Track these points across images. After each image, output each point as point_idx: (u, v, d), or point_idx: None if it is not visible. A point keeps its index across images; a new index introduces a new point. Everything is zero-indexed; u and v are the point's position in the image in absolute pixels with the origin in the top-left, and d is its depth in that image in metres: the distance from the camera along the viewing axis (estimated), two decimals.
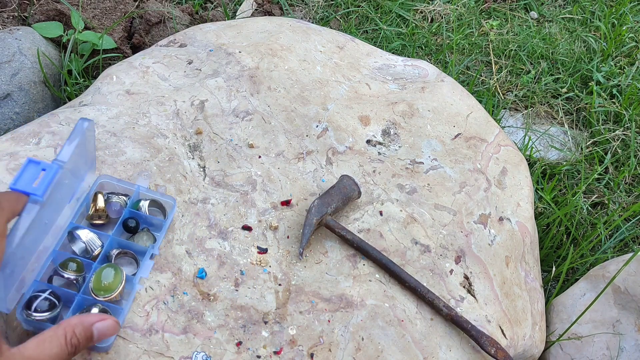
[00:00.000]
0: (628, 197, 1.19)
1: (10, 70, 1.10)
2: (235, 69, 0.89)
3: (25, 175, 0.54)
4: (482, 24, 1.55)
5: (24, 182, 0.53)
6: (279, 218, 0.74)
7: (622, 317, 0.87)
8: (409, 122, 0.88)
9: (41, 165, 0.54)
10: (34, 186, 0.53)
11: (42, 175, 0.54)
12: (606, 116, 1.33)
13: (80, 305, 0.60)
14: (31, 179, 0.54)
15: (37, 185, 0.53)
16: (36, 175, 0.54)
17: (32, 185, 0.53)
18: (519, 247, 0.81)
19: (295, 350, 0.64)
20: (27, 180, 0.53)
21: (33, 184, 0.53)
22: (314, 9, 1.51)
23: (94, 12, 1.34)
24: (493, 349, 0.67)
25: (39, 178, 0.54)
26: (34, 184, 0.53)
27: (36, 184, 0.54)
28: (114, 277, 0.61)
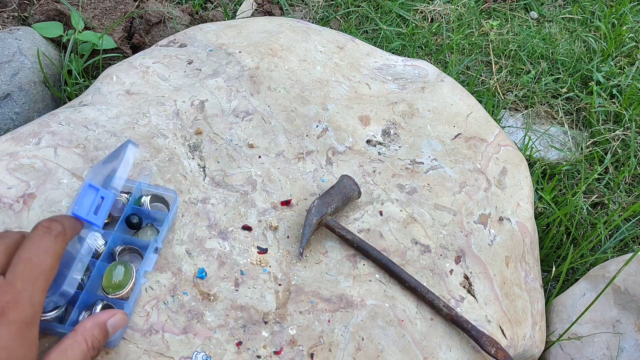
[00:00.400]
0: (628, 197, 1.19)
1: (10, 70, 1.10)
2: (235, 69, 0.89)
3: (85, 201, 0.56)
4: (482, 24, 1.55)
5: (84, 209, 0.55)
6: (279, 218, 0.74)
7: (622, 317, 0.87)
8: (409, 122, 0.88)
9: (100, 193, 0.56)
10: (94, 215, 0.55)
11: (101, 203, 0.56)
12: (606, 116, 1.33)
13: (85, 302, 0.60)
14: (89, 205, 0.56)
15: (98, 215, 0.56)
16: (93, 202, 0.56)
17: (92, 213, 0.55)
18: (519, 247, 0.81)
19: (295, 350, 0.64)
20: (86, 206, 0.55)
21: (91, 211, 0.56)
22: (314, 9, 1.51)
23: (94, 12, 1.34)
24: (493, 349, 0.67)
25: (98, 205, 0.56)
26: (92, 213, 0.56)
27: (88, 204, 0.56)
28: (124, 275, 0.61)
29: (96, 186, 0.56)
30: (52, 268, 0.45)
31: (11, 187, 0.70)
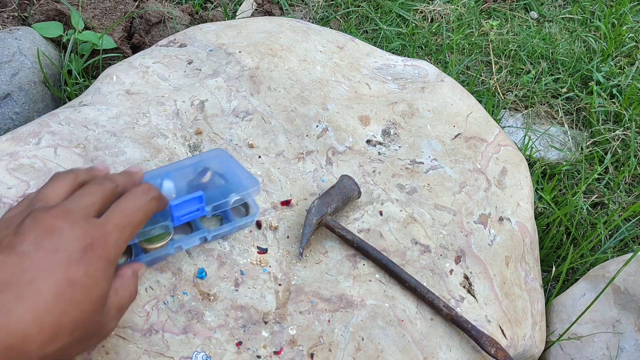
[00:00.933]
0: (628, 197, 1.19)
1: (10, 70, 1.10)
2: (235, 69, 0.89)
3: (186, 204, 0.62)
4: (482, 24, 1.55)
5: (180, 209, 0.61)
6: (279, 218, 0.74)
7: (622, 317, 0.87)
8: (409, 122, 0.88)
9: (200, 209, 0.63)
10: (179, 217, 0.62)
11: (192, 213, 0.63)
12: (606, 116, 1.33)
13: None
14: (185, 209, 0.62)
15: (181, 219, 0.62)
16: (190, 208, 0.62)
17: (181, 215, 0.62)
18: (519, 247, 0.81)
19: (295, 350, 0.64)
20: (182, 208, 0.62)
21: (182, 213, 0.62)
22: (314, 9, 1.51)
23: (94, 12, 1.34)
24: (493, 349, 0.67)
25: (189, 213, 0.63)
26: (182, 215, 0.62)
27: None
28: (161, 236, 0.64)
29: (203, 202, 0.63)
30: (140, 223, 0.51)
31: (11, 187, 0.70)
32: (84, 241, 0.46)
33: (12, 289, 0.42)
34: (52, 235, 0.45)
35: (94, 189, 0.51)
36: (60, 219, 0.46)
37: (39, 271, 0.43)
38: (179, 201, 0.61)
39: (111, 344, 0.61)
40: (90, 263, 0.45)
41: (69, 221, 0.46)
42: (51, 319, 0.42)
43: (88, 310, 0.45)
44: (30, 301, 0.42)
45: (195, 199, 0.63)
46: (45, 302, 0.42)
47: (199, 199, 0.63)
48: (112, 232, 0.48)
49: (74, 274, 0.44)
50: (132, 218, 0.50)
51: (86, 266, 0.45)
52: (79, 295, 0.44)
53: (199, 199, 0.63)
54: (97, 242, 0.47)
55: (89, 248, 0.46)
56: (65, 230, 0.46)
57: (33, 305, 0.42)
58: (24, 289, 0.42)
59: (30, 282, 0.42)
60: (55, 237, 0.45)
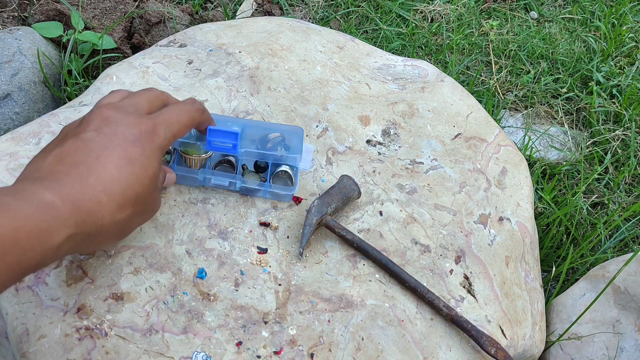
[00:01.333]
0: (628, 197, 1.19)
1: (10, 70, 1.10)
2: (235, 69, 0.89)
3: (224, 132, 0.68)
4: (482, 24, 1.55)
5: (217, 131, 0.67)
6: (279, 218, 0.74)
7: (622, 317, 0.87)
8: (409, 122, 0.88)
9: (233, 141, 0.69)
10: (213, 143, 0.68)
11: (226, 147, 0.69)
12: (606, 116, 1.33)
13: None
14: (222, 132, 0.68)
15: (214, 145, 0.69)
16: (225, 133, 0.68)
17: (218, 137, 0.68)
18: (519, 247, 0.81)
19: (295, 350, 0.64)
20: (219, 134, 0.68)
21: (220, 136, 0.68)
22: (314, 9, 1.51)
23: (94, 12, 1.34)
24: (493, 349, 0.67)
25: (225, 132, 0.68)
26: (219, 137, 0.68)
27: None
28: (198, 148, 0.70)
29: (238, 140, 0.68)
30: (185, 125, 0.59)
31: None
32: (137, 128, 0.53)
33: (83, 166, 0.49)
34: (109, 123, 0.53)
35: (143, 93, 0.59)
36: (115, 111, 0.54)
37: (102, 150, 0.50)
38: (216, 129, 0.68)
39: (111, 344, 0.61)
40: (144, 145, 0.53)
41: (122, 113, 0.54)
42: (118, 188, 0.50)
43: (146, 185, 0.53)
44: (99, 173, 0.49)
45: (232, 134, 0.68)
46: (111, 174, 0.50)
47: (234, 135, 0.68)
48: (161, 124, 0.56)
49: (132, 153, 0.52)
50: (179, 118, 0.58)
51: (142, 147, 0.53)
52: (138, 170, 0.52)
53: (235, 135, 0.68)
54: (149, 130, 0.54)
55: (143, 133, 0.53)
56: (120, 119, 0.53)
57: (101, 176, 0.49)
58: (93, 165, 0.49)
59: (96, 159, 0.50)
60: (112, 125, 0.53)
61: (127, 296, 0.64)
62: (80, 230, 0.48)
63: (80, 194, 0.48)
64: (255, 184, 0.73)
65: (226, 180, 0.73)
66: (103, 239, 0.52)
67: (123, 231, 0.55)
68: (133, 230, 0.57)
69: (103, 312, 0.63)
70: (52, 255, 0.46)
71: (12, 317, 0.62)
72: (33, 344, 0.61)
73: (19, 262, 0.44)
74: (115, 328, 0.62)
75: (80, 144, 0.51)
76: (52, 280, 0.64)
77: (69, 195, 0.47)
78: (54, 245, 0.46)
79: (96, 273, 0.65)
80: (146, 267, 0.67)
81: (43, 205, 0.45)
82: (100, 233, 0.50)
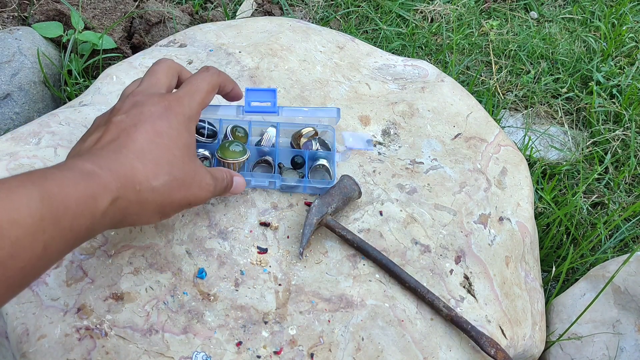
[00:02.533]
0: (628, 197, 1.19)
1: (10, 70, 1.10)
2: (235, 69, 0.89)
3: (261, 93, 0.73)
4: (482, 24, 1.55)
5: (255, 93, 0.73)
6: (279, 218, 0.74)
7: (622, 317, 0.87)
8: (409, 122, 0.88)
9: (269, 105, 0.74)
10: (251, 104, 0.73)
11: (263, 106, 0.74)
12: (606, 116, 1.33)
13: None
14: (260, 95, 0.73)
15: (253, 105, 0.74)
16: (263, 97, 0.73)
17: (254, 98, 0.73)
18: (519, 247, 0.81)
19: (295, 350, 0.64)
20: (257, 94, 0.73)
21: (256, 97, 0.73)
22: (314, 9, 1.51)
23: (94, 12, 1.34)
24: (493, 350, 0.67)
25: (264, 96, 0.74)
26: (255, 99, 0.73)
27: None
28: (240, 150, 0.72)
29: (276, 98, 0.73)
30: (207, 91, 0.62)
31: None
32: (162, 104, 0.57)
33: (116, 142, 0.54)
34: (135, 106, 0.57)
35: (157, 69, 0.63)
36: (139, 96, 0.58)
37: (131, 127, 0.55)
38: (253, 89, 0.73)
39: (111, 344, 0.61)
40: (171, 119, 0.57)
41: (145, 95, 0.59)
42: (150, 157, 0.54)
43: (178, 155, 0.56)
44: (131, 146, 0.53)
45: (270, 91, 0.72)
46: (142, 145, 0.54)
47: (272, 92, 0.72)
48: (184, 96, 0.60)
49: (160, 127, 0.56)
50: (199, 86, 0.62)
51: (169, 121, 0.57)
52: (167, 141, 0.56)
53: (272, 93, 0.72)
54: (173, 104, 0.58)
55: (168, 108, 0.57)
56: (145, 100, 0.58)
57: (133, 148, 0.53)
58: (124, 140, 0.54)
59: (127, 135, 0.54)
60: (138, 107, 0.57)
61: (127, 296, 0.64)
62: (121, 194, 0.51)
63: (116, 162, 0.52)
64: (294, 181, 0.74)
65: (266, 180, 0.74)
66: (145, 209, 0.54)
67: (165, 204, 0.56)
68: (177, 207, 0.58)
69: (103, 312, 0.63)
70: (101, 222, 0.50)
71: (12, 317, 0.62)
72: (33, 344, 0.61)
73: (72, 228, 0.47)
74: (115, 328, 0.62)
75: (112, 126, 0.55)
76: (52, 280, 0.64)
77: (107, 164, 0.51)
78: (101, 210, 0.49)
79: (96, 273, 0.65)
80: (146, 267, 0.67)
81: (85, 173, 0.49)
82: (141, 201, 0.53)
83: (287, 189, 0.75)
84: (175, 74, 0.64)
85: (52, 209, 0.45)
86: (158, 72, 0.63)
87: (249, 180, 0.73)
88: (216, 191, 0.62)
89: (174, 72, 0.64)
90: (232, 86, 0.68)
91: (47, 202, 0.45)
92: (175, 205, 0.57)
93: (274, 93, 0.72)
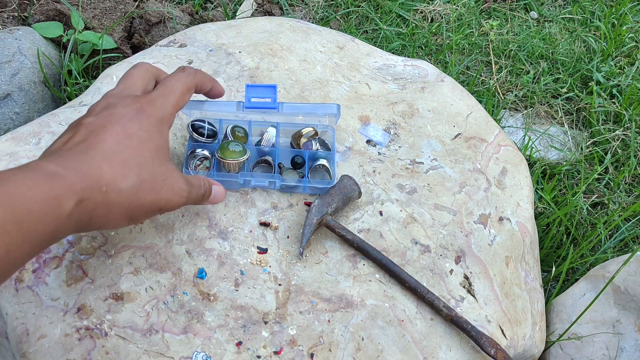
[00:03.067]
0: (628, 197, 1.19)
1: (10, 70, 1.10)
2: (235, 69, 0.89)
3: (262, 91, 0.73)
4: (482, 24, 1.55)
5: (255, 89, 0.72)
6: (279, 218, 0.74)
7: (622, 317, 0.87)
8: (409, 122, 0.88)
9: (270, 100, 0.73)
10: (252, 99, 0.72)
11: (263, 102, 0.73)
12: (606, 116, 1.33)
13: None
14: (260, 94, 0.72)
15: (253, 101, 0.72)
16: (263, 94, 0.73)
17: (254, 96, 0.72)
18: (519, 247, 0.81)
19: (295, 350, 0.64)
20: (258, 90, 0.72)
21: (256, 94, 0.72)
22: (314, 9, 1.51)
23: (94, 12, 1.34)
24: (493, 350, 0.67)
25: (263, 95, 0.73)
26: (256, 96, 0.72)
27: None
28: (240, 150, 0.72)
29: (276, 94, 0.72)
30: (182, 91, 0.61)
31: None
32: (133, 106, 0.57)
33: (84, 143, 0.53)
34: (107, 108, 0.56)
35: (133, 72, 0.62)
36: (111, 99, 0.58)
37: (100, 129, 0.54)
38: (254, 85, 0.73)
39: (111, 344, 0.61)
40: (142, 120, 0.56)
41: (118, 98, 0.58)
42: (119, 158, 0.53)
43: (148, 157, 0.55)
44: (99, 147, 0.53)
45: (270, 88, 0.72)
46: (110, 146, 0.53)
47: (272, 88, 0.72)
48: (157, 98, 0.59)
49: (130, 128, 0.55)
50: (173, 87, 0.61)
51: (139, 122, 0.56)
52: (136, 143, 0.54)
53: (273, 89, 0.72)
54: (145, 105, 0.57)
55: (139, 110, 0.56)
56: (117, 102, 0.57)
57: (101, 149, 0.52)
58: (92, 141, 0.53)
59: (96, 136, 0.53)
60: (110, 108, 0.56)
61: (127, 296, 0.64)
62: (87, 196, 0.50)
63: (82, 163, 0.51)
64: (294, 181, 0.74)
65: (266, 180, 0.74)
66: (113, 212, 0.53)
67: (133, 207, 0.54)
68: (148, 211, 0.56)
69: (103, 312, 0.63)
70: (66, 225, 0.49)
71: (12, 317, 0.62)
72: (33, 344, 0.61)
73: (36, 231, 0.46)
74: (115, 328, 0.62)
75: (81, 127, 0.55)
76: (52, 280, 0.64)
77: (72, 165, 0.50)
78: (66, 212, 0.48)
79: (96, 273, 0.65)
80: (146, 267, 0.67)
81: (49, 174, 0.48)
82: (108, 203, 0.52)
83: (287, 189, 0.75)
84: (152, 77, 0.63)
85: (14, 211, 0.44)
86: (134, 75, 0.62)
87: (249, 180, 0.73)
88: (191, 198, 0.60)
89: (151, 76, 0.63)
90: (211, 84, 0.66)
91: (9, 205, 0.44)
92: (144, 208, 0.55)
93: (274, 89, 0.72)
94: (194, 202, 0.62)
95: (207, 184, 0.64)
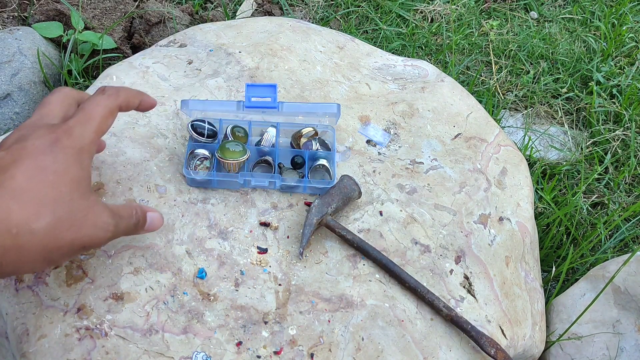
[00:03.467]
0: (628, 197, 1.19)
1: (10, 70, 1.10)
2: (235, 69, 0.89)
3: (261, 89, 0.73)
4: (482, 24, 1.55)
5: (255, 92, 0.73)
6: (279, 218, 0.74)
7: (622, 317, 0.87)
8: (409, 122, 0.88)
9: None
10: (252, 99, 0.73)
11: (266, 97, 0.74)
12: (606, 116, 1.33)
13: None
14: (261, 92, 0.73)
15: (253, 101, 0.73)
16: (266, 91, 0.73)
17: (251, 98, 0.73)
18: (519, 247, 0.81)
19: (295, 350, 0.64)
20: (258, 92, 0.73)
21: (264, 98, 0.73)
22: (314, 9, 1.51)
23: (94, 12, 1.34)
24: (493, 350, 0.67)
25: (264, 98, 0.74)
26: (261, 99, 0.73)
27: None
28: (240, 150, 0.72)
29: (276, 93, 0.73)
30: (103, 116, 0.56)
31: None
32: (47, 137, 0.52)
33: None
34: (18, 141, 0.52)
35: (51, 99, 0.58)
36: (24, 130, 0.54)
37: (11, 163, 0.50)
38: (254, 84, 0.73)
39: (111, 344, 0.61)
40: (56, 152, 0.51)
41: (31, 129, 0.53)
42: (31, 195, 0.49)
43: (65, 192, 0.51)
44: (7, 184, 0.48)
45: (270, 87, 0.72)
46: (20, 183, 0.49)
47: (272, 88, 0.72)
48: (75, 125, 0.54)
49: (43, 162, 0.51)
50: (92, 113, 0.55)
51: (54, 155, 0.51)
52: (51, 177, 0.50)
53: (273, 88, 0.72)
54: (61, 135, 0.52)
55: (55, 141, 0.52)
56: (29, 134, 0.53)
57: (9, 186, 0.48)
58: (1, 178, 0.49)
59: (4, 173, 0.49)
60: (21, 141, 0.52)
61: (127, 296, 0.64)
62: None
63: None
64: (294, 181, 0.74)
65: (266, 180, 0.74)
66: (26, 256, 0.49)
67: (51, 249, 0.50)
68: (68, 251, 0.52)
69: (103, 312, 0.63)
70: None
71: (12, 317, 0.62)
72: (33, 344, 0.61)
73: None
74: (115, 328, 0.62)
75: None
76: (52, 280, 0.64)
77: None
78: None
79: (96, 273, 0.65)
80: (146, 267, 0.67)
81: None
82: (19, 246, 0.47)
83: (287, 189, 0.75)
84: (72, 103, 0.58)
85: None
86: (51, 102, 0.57)
87: (249, 180, 0.73)
88: (119, 230, 0.57)
89: (71, 101, 0.58)
90: (138, 100, 0.61)
91: None
92: (64, 249, 0.51)
93: (274, 88, 0.72)
94: (125, 233, 0.59)
95: (140, 212, 0.60)
